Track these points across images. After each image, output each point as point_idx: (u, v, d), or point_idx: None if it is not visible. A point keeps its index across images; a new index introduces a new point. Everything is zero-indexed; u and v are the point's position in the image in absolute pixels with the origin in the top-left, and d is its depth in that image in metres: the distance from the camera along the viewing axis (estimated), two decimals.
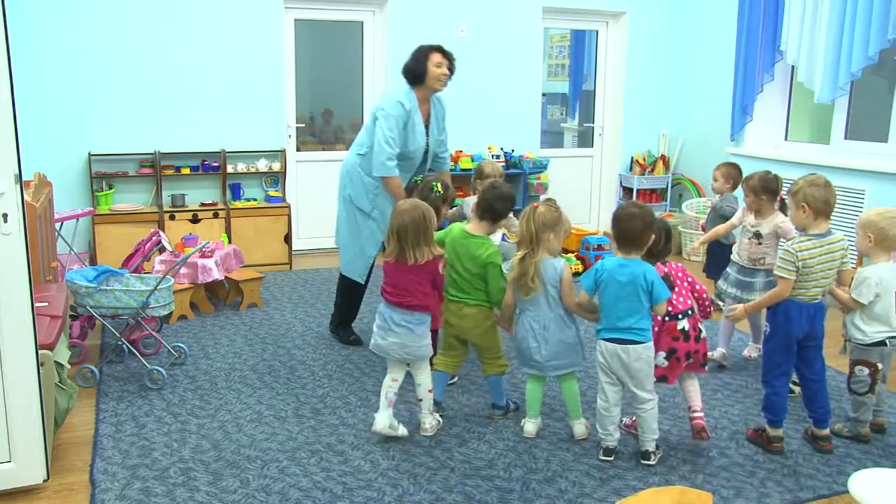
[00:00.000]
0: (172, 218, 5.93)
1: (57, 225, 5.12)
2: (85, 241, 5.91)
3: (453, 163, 6.63)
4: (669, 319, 3.05)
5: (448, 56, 4.01)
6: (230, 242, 5.59)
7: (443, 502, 2.73)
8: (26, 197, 3.64)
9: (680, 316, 3.05)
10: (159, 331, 4.26)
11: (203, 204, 6.13)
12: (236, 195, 6.29)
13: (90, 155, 5.79)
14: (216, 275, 4.80)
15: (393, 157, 3.87)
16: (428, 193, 3.58)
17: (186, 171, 6.09)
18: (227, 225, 6.04)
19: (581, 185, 7.68)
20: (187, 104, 6.07)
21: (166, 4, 5.89)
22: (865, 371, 3.15)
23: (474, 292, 3.23)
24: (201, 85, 6.08)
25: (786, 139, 6.64)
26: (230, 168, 6.22)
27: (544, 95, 7.56)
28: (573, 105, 8.55)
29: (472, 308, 3.24)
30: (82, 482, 2.85)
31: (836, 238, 3.07)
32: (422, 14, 6.55)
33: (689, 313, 3.07)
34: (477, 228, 3.26)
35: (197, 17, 5.98)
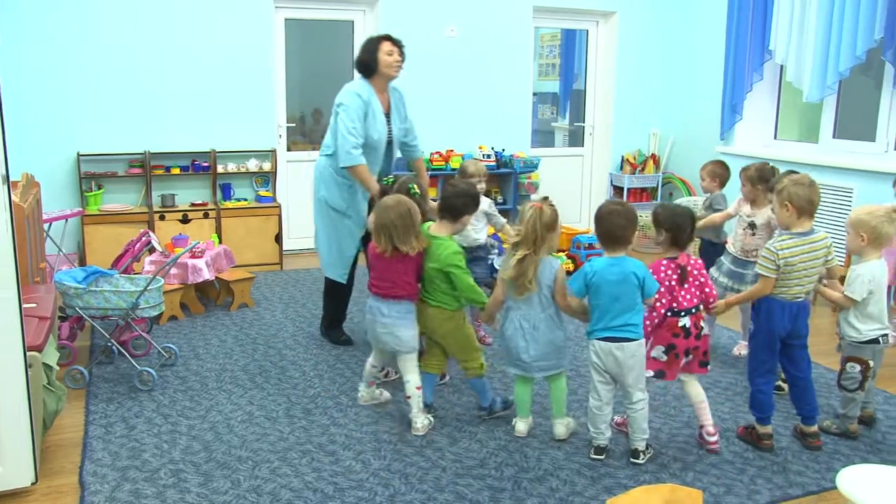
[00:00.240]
0: (162, 218, 5.91)
1: (45, 226, 5.09)
2: (74, 242, 5.87)
3: (444, 162, 6.64)
4: (672, 315, 3.03)
5: (397, 43, 4.07)
6: (220, 242, 5.57)
7: (434, 502, 2.73)
8: (14, 197, 3.62)
9: (683, 313, 3.03)
10: (149, 332, 4.24)
11: (193, 204, 6.11)
12: (227, 195, 6.28)
13: (79, 155, 5.76)
14: (206, 275, 4.78)
15: (357, 146, 3.91)
16: (405, 194, 3.59)
17: (176, 171, 6.07)
18: (218, 225, 6.02)
19: (572, 185, 7.70)
20: (177, 104, 6.04)
21: (156, 3, 5.86)
22: (857, 368, 3.17)
23: (435, 293, 3.24)
24: (191, 84, 6.05)
25: (775, 138, 6.68)
26: (220, 168, 6.20)
27: (535, 95, 7.56)
28: (564, 104, 8.55)
29: (433, 309, 3.25)
30: (71, 484, 2.83)
31: (820, 237, 3.08)
32: (412, 13, 6.54)
33: (693, 311, 3.05)
34: (439, 229, 3.28)
35: (187, 17, 5.95)
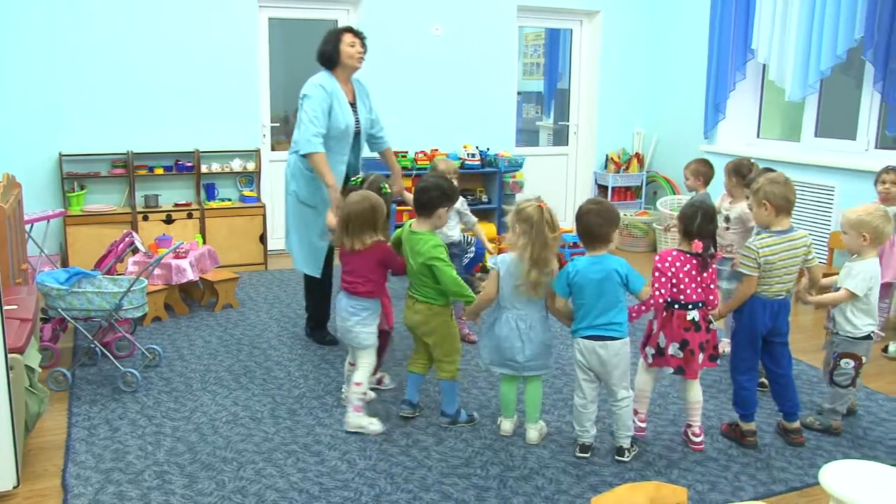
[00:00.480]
0: (146, 219, 5.86)
1: (27, 226, 5.04)
2: (56, 243, 5.82)
3: (429, 161, 6.62)
4: (679, 308, 3.04)
5: (359, 35, 4.10)
6: (204, 243, 5.54)
7: (420, 501, 2.73)
8: None
9: (690, 306, 3.04)
10: (133, 333, 4.21)
11: (177, 204, 6.06)
12: (210, 195, 6.24)
13: (61, 155, 5.71)
14: (190, 276, 4.75)
15: (318, 135, 3.92)
16: (376, 192, 3.59)
17: (160, 172, 6.02)
18: (202, 225, 5.99)
19: (556, 184, 7.71)
20: (160, 104, 6.00)
21: (140, 3, 5.81)
22: (851, 364, 3.21)
23: (422, 289, 3.24)
24: (175, 84, 6.01)
25: (758, 136, 6.73)
26: (204, 168, 6.16)
27: (519, 94, 7.58)
28: (548, 103, 8.58)
29: (421, 305, 3.25)
30: (54, 487, 2.81)
31: (799, 235, 3.12)
32: (396, 12, 6.54)
33: (700, 305, 3.06)
34: (419, 224, 3.28)
35: (170, 16, 5.91)
